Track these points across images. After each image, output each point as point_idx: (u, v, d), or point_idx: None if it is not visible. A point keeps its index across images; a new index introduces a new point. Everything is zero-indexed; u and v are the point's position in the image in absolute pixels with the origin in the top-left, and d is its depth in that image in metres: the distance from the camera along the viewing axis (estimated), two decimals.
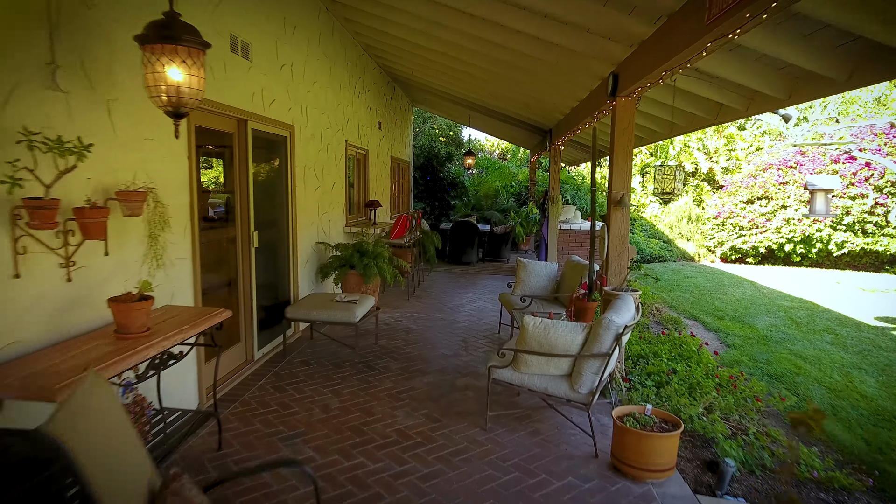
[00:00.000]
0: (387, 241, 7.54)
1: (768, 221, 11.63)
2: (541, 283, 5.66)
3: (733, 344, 5.87)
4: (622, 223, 4.41)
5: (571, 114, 6.93)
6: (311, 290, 6.08)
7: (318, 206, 6.27)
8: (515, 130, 11.46)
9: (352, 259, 6.00)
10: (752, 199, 11.92)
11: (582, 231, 9.12)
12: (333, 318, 4.78)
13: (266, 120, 4.78)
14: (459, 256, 10.80)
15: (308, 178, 5.89)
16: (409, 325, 6.13)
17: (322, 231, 6.41)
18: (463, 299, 7.65)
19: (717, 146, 15.26)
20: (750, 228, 11.85)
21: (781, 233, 11.38)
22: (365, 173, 8.56)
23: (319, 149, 6.25)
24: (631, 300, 3.68)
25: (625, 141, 4.33)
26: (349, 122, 7.48)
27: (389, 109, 10.29)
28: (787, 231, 11.32)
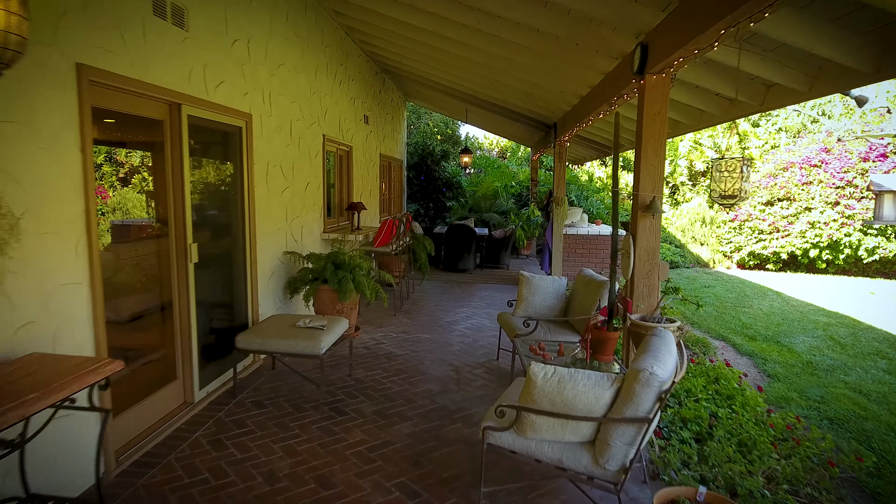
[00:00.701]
0: (370, 248, 6.64)
1: (791, 225, 10.73)
2: (547, 301, 4.76)
3: (775, 373, 4.98)
4: (652, 233, 3.51)
5: (581, 104, 6.03)
6: (278, 308, 5.18)
7: (287, 210, 5.37)
8: (516, 126, 10.56)
9: (324, 272, 5.10)
10: (773, 201, 11.02)
11: (590, 237, 8.23)
12: (293, 348, 3.88)
13: (210, 105, 3.88)
14: (455, 263, 9.90)
15: (273, 176, 4.99)
16: (393, 350, 5.23)
17: (292, 239, 5.51)
18: (457, 315, 6.75)
19: (730, 144, 14.38)
20: (770, 232, 10.95)
21: (806, 237, 10.49)
22: (348, 172, 7.66)
23: (288, 143, 5.35)
24: (671, 338, 2.78)
25: (656, 129, 3.43)
26: (328, 114, 6.58)
27: (379, 103, 9.39)
28: (812, 235, 10.42)
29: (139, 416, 3.33)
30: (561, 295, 4.80)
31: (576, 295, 4.71)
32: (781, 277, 10.45)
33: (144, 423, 3.37)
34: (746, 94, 4.03)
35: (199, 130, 3.89)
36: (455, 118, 13.94)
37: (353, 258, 5.29)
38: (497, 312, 6.84)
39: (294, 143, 5.50)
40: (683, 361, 2.59)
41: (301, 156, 5.71)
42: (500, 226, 12.45)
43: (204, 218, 4.13)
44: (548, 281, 4.82)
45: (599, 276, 4.58)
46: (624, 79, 3.97)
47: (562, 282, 4.85)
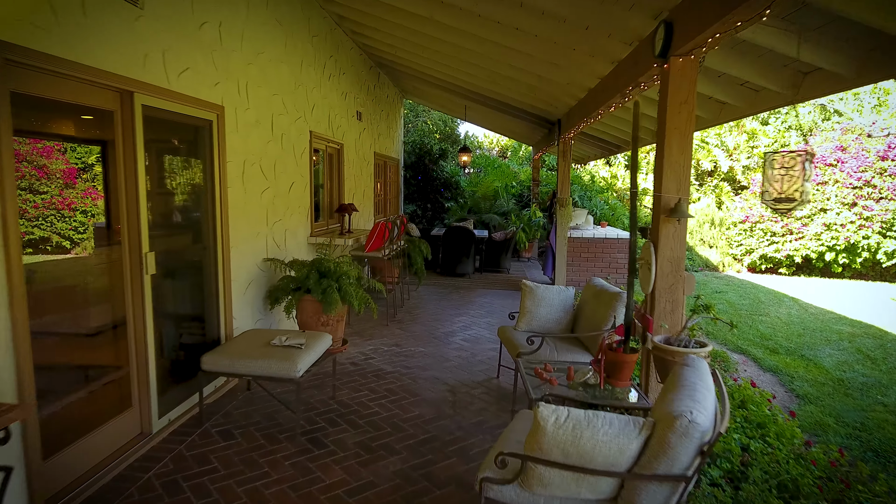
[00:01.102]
0: (360, 253, 6.18)
1: (805, 227, 10.27)
2: (553, 314, 4.29)
3: (804, 394, 4.51)
4: (676, 241, 3.05)
5: (589, 97, 5.56)
6: (257, 321, 4.71)
7: (268, 213, 4.91)
8: (517, 123, 10.09)
9: (307, 281, 4.64)
10: None
11: (596, 240, 7.77)
12: (267, 370, 3.42)
13: (172, 95, 3.42)
14: (453, 267, 9.44)
15: (251, 176, 4.53)
16: (383, 366, 4.76)
17: (274, 244, 5.04)
18: (454, 324, 6.29)
19: (738, 142, 13.91)
20: (783, 234, 10.49)
21: (821, 240, 10.01)
22: (339, 172, 7.20)
23: (269, 139, 4.89)
24: (706, 369, 2.32)
25: (681, 121, 2.97)
26: (315, 109, 6.12)
27: (373, 99, 8.93)
28: (828, 238, 9.95)
29: (84, 453, 2.87)
30: (568, 307, 4.34)
31: (585, 307, 4.24)
32: (795, 282, 9.99)
33: (90, 461, 2.91)
34: (778, 82, 3.57)
35: (159, 123, 3.43)
36: (454, 115, 13.49)
37: (339, 265, 4.83)
38: (497, 322, 6.38)
39: (276, 140, 5.04)
40: (725, 403, 2.12)
41: (285, 153, 5.24)
42: (500, 227, 11.98)
43: (167, 223, 3.68)
44: (554, 292, 4.35)
45: (612, 286, 4.12)
46: (642, 64, 3.50)
47: (569, 293, 4.38)
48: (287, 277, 4.75)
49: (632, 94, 3.96)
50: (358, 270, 5.04)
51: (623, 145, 7.96)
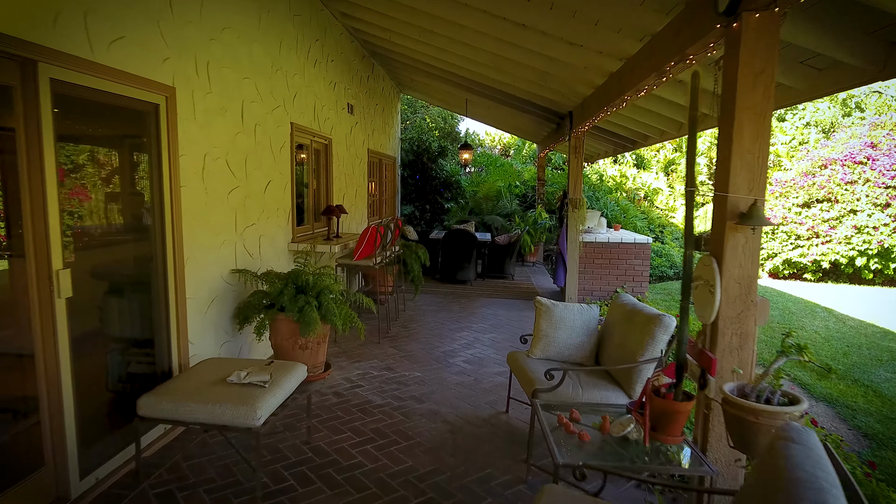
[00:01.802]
0: (348, 262, 5.46)
1: (833, 229, 9.54)
2: (574, 339, 3.57)
3: (873, 432, 3.79)
4: (748, 256, 2.33)
5: (610, 82, 4.84)
6: (222, 345, 3.99)
7: (238, 216, 4.19)
8: (523, 118, 9.38)
9: (281, 298, 3.92)
10: (811, 202, 9.83)
11: (610, 244, 7.05)
12: (218, 417, 2.70)
13: (99, 70, 2.70)
14: (454, 273, 8.72)
15: (214, 173, 3.81)
16: (371, 397, 4.04)
17: (245, 252, 4.33)
18: (455, 341, 5.57)
19: None
20: (809, 238, 9.76)
21: (851, 243, 9.29)
22: (327, 170, 6.48)
23: (239, 130, 4.17)
24: (817, 444, 1.60)
25: (757, 98, 2.25)
26: (298, 99, 5.40)
27: (367, 91, 8.21)
28: (859, 241, 9.22)
29: None
30: (592, 330, 3.61)
31: (612, 331, 3.52)
32: (823, 289, 9.26)
33: None
34: (860, 55, 2.84)
35: (82, 105, 2.72)
36: (454, 111, 12.77)
37: (320, 278, 4.11)
38: (503, 338, 5.66)
39: (248, 131, 4.32)
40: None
41: (259, 147, 4.53)
42: (503, 230, 11.27)
43: (99, 231, 2.96)
44: (574, 311, 3.63)
45: (648, 307, 3.39)
46: (692, 31, 2.79)
47: (593, 313, 3.66)
48: (258, 292, 4.03)
49: (673, 71, 3.24)
50: (341, 285, 4.31)
51: (639, 140, 7.24)
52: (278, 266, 4.90)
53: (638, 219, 10.82)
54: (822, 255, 9.61)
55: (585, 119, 5.96)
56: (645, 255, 7.08)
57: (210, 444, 3.26)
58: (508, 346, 5.44)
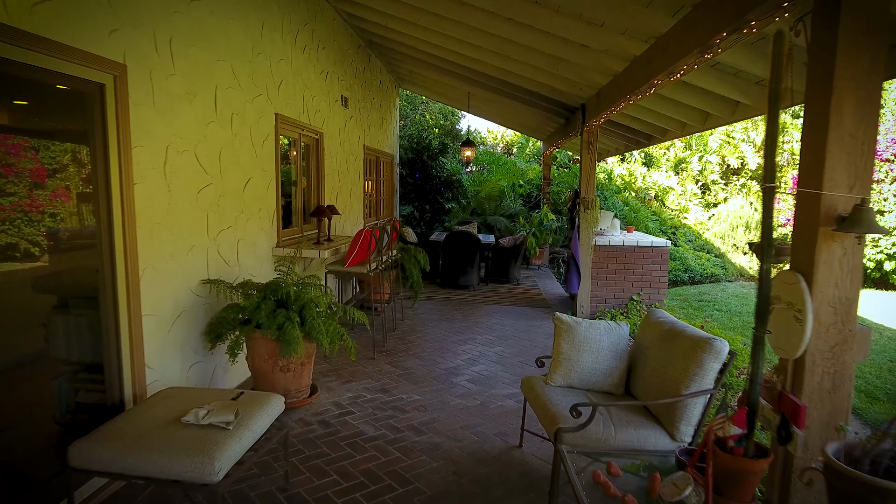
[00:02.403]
0: (339, 269, 4.91)
1: None
2: (601, 363, 3.03)
3: None
4: (846, 271, 1.80)
5: (634, 67, 4.30)
6: (191, 367, 3.45)
7: (210, 218, 3.65)
8: (528, 112, 8.84)
9: (258, 313, 3.37)
10: None
11: (626, 248, 6.50)
12: (167, 470, 2.16)
13: (16, 36, 2.16)
14: (455, 278, 8.18)
15: (179, 168, 3.27)
16: (362, 427, 3.50)
17: (220, 259, 3.78)
18: (458, 356, 5.03)
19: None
20: None
21: (879, 246, 8.75)
22: (318, 167, 5.94)
23: (211, 119, 3.63)
24: None
25: (862, 66, 1.72)
26: (284, 87, 4.86)
27: (363, 84, 7.68)
28: (887, 244, 8.68)
29: None
30: (621, 352, 3.07)
31: (646, 354, 2.98)
32: None
33: None
34: None
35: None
36: (455, 107, 12.23)
37: (304, 290, 3.57)
38: (512, 352, 5.12)
39: (223, 121, 3.78)
40: None
41: (237, 140, 3.99)
42: (507, 231, 10.73)
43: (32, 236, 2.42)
44: (600, 331, 3.09)
45: (688, 326, 2.86)
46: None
47: (622, 331, 3.12)
48: (232, 306, 3.48)
49: (723, 45, 2.70)
50: (330, 296, 3.77)
51: (656, 135, 6.71)
52: (260, 274, 4.36)
53: (649, 220, 10.29)
54: None
55: (601, 111, 5.42)
56: (663, 260, 6.54)
57: (168, 494, 2.72)
58: (517, 361, 4.90)
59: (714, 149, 12.67)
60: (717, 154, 12.67)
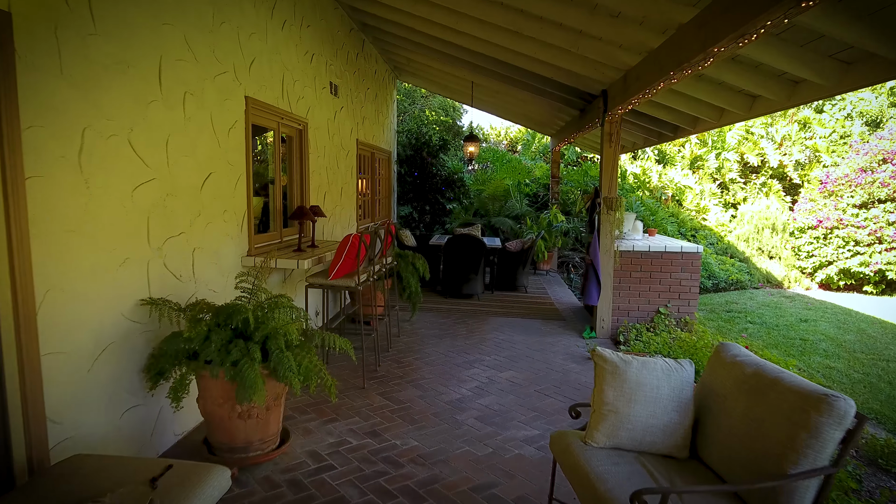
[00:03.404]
0: (322, 282, 4.15)
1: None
2: (659, 417, 2.27)
3: None
4: None
5: (679, 38, 3.54)
6: (124, 413, 2.69)
7: (153, 222, 2.89)
8: (537, 105, 8.08)
9: (207, 347, 2.61)
10: (870, 202, 8.53)
11: (652, 254, 5.74)
12: None
13: None
14: (458, 286, 7.41)
15: (103, 158, 2.52)
16: (344, 491, 2.74)
17: (168, 274, 3.02)
18: (463, 384, 4.27)
19: (789, 132, 11.90)
20: (870, 244, 8.46)
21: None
22: (301, 162, 5.18)
23: (153, 98, 2.87)
24: None
25: None
26: (257, 66, 4.11)
27: (356, 72, 6.92)
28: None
29: None
30: (684, 402, 2.31)
31: (721, 406, 2.21)
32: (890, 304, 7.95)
33: None
34: None
35: None
36: (457, 100, 11.47)
37: (270, 313, 2.80)
38: (526, 378, 4.36)
39: (171, 101, 3.01)
40: None
41: (192, 125, 3.22)
42: (513, 234, 9.98)
43: None
44: (658, 373, 2.32)
45: (786, 372, 2.09)
46: None
47: (684, 374, 2.35)
48: (175, 336, 2.71)
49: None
50: (300, 323, 3.00)
51: (686, 126, 5.94)
52: (225, 290, 3.60)
53: (668, 221, 9.54)
54: (887, 264, 8.30)
55: (629, 96, 4.65)
56: (694, 268, 5.78)
57: None
58: (533, 391, 4.14)
59: (732, 145, 11.91)
60: (736, 151, 11.91)
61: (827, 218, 8.84)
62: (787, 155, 11.75)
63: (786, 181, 11.93)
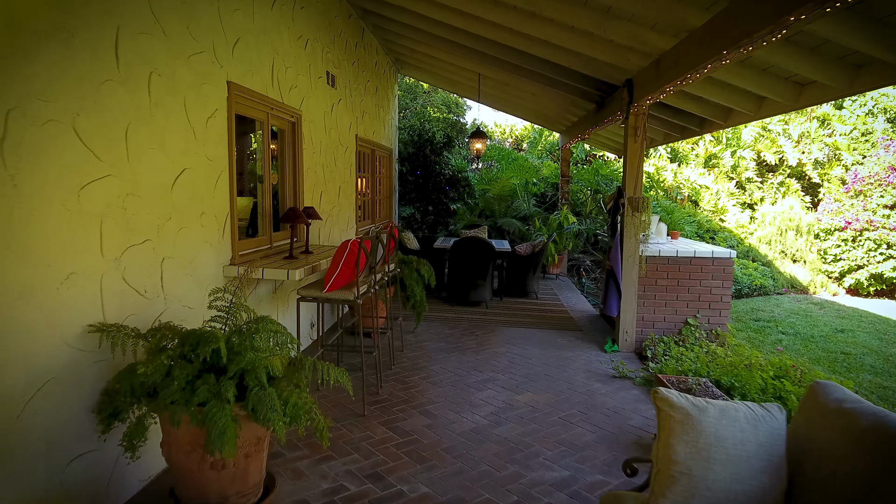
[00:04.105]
0: (316, 294, 3.63)
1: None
2: (746, 480, 1.76)
3: None
4: None
5: (732, 12, 3.02)
6: (70, 465, 2.18)
7: (107, 228, 2.38)
8: (548, 99, 7.58)
9: (169, 385, 2.09)
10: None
11: (680, 259, 5.22)
12: None
13: None
14: (465, 293, 6.90)
15: (34, 149, 2.01)
16: None
17: (130, 290, 2.52)
18: (477, 410, 3.76)
19: (808, 129, 11.38)
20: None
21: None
22: (294, 158, 4.67)
23: (107, 77, 2.36)
24: None
25: None
26: (241, 48, 3.59)
27: (355, 63, 6.42)
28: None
29: None
30: (776, 460, 1.79)
31: (822, 468, 1.70)
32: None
33: None
34: None
35: None
36: (462, 94, 10.95)
37: (248, 340, 2.29)
38: (546, 399, 3.84)
39: (131, 82, 2.50)
40: None
41: (160, 112, 2.71)
42: (521, 236, 9.47)
43: None
44: (741, 423, 1.80)
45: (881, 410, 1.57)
46: None
47: (775, 423, 1.84)
48: (129, 370, 2.19)
49: None
50: (290, 347, 2.49)
51: (716, 119, 5.42)
52: (202, 306, 3.09)
53: (685, 222, 9.04)
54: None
55: (661, 85, 4.15)
56: (726, 275, 5.26)
57: None
58: (558, 419, 3.62)
59: (748, 143, 11.39)
60: (752, 149, 11.39)
61: (856, 219, 8.33)
62: (804, 153, 11.24)
63: (804, 180, 11.42)
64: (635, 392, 4.16)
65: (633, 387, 4.28)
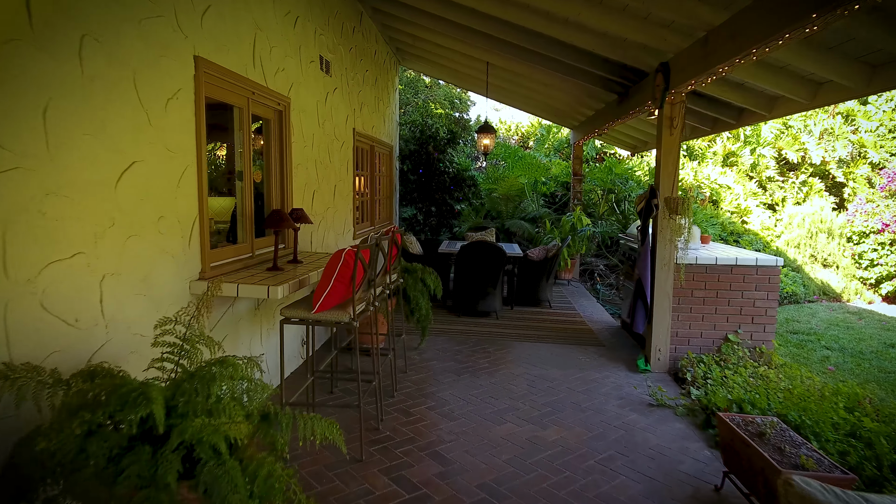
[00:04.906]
0: (302, 315, 3.00)
1: None
2: None
3: None
4: None
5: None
6: None
7: (13, 238, 1.76)
8: (563, 90, 6.99)
9: (82, 463, 1.47)
10: None
11: (720, 267, 4.60)
12: None
13: None
14: (473, 302, 6.28)
15: None
16: None
17: (52, 318, 1.90)
18: (496, 450, 3.14)
19: (831, 125, 10.78)
20: None
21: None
22: (281, 151, 4.05)
23: (13, 36, 1.73)
24: None
25: None
26: (211, 16, 2.98)
27: (353, 49, 5.80)
28: None
29: None
30: None
31: None
32: None
33: None
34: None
35: None
36: (467, 87, 10.33)
37: (195, 402, 1.67)
38: (576, 435, 3.23)
39: (55, 48, 1.89)
40: None
41: (99, 88, 2.10)
42: (531, 239, 8.86)
43: None
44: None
45: None
46: None
47: None
48: (29, 441, 1.57)
49: None
50: (262, 394, 1.87)
51: (759, 110, 4.81)
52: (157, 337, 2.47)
53: (709, 224, 8.44)
54: None
55: (710, 66, 3.55)
56: (772, 285, 4.66)
57: None
58: (595, 463, 3.01)
59: (769, 140, 10.78)
60: (773, 147, 10.78)
61: (894, 221, 7.74)
62: (827, 151, 10.63)
63: (828, 179, 10.81)
64: (679, 426, 3.55)
65: (675, 418, 3.67)
